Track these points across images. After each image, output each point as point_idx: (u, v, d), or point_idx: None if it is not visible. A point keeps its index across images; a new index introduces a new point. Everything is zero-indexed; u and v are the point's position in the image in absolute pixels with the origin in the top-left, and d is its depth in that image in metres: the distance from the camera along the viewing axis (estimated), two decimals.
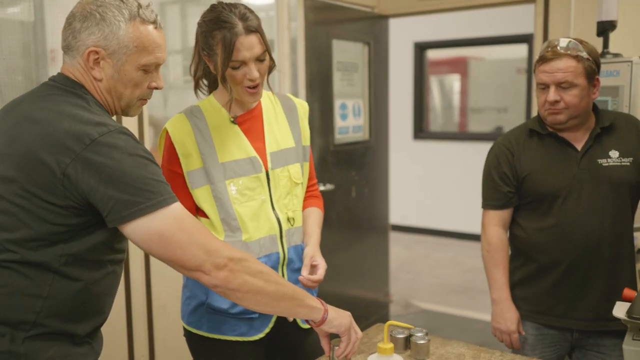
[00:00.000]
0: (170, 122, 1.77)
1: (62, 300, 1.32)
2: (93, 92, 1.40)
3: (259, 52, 1.67)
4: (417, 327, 1.79)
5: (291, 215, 1.83)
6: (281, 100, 1.90)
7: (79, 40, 1.36)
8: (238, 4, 1.71)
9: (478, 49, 7.08)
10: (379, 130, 4.25)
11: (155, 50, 1.39)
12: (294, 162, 1.85)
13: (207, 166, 1.73)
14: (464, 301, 5.04)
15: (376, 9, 4.10)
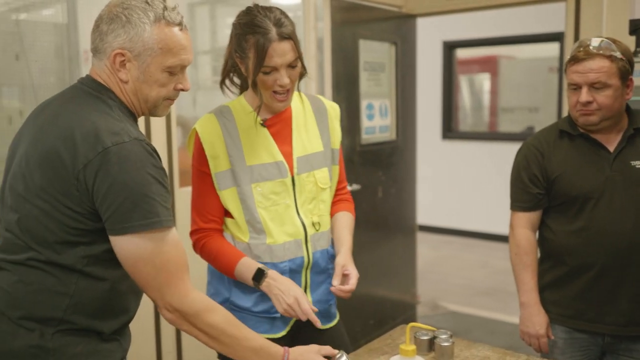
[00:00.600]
0: (199, 123, 1.77)
1: (87, 298, 1.34)
2: (119, 94, 1.41)
3: (291, 59, 1.67)
4: (441, 329, 1.78)
5: (316, 220, 1.82)
6: (311, 103, 1.89)
7: (105, 42, 1.37)
8: (274, 8, 1.69)
9: (509, 48, 6.99)
10: (406, 130, 4.23)
11: (180, 52, 1.39)
12: (321, 167, 1.83)
13: (234, 168, 1.74)
14: (493, 303, 4.99)
15: (404, 9, 4.08)
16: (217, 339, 1.41)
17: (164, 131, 2.72)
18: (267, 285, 1.68)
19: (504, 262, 6.09)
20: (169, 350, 2.82)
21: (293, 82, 1.72)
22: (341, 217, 1.92)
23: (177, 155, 2.78)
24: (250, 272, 1.70)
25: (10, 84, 2.50)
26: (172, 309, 1.36)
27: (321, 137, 1.86)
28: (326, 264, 1.86)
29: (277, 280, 1.68)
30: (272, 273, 1.70)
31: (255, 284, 1.69)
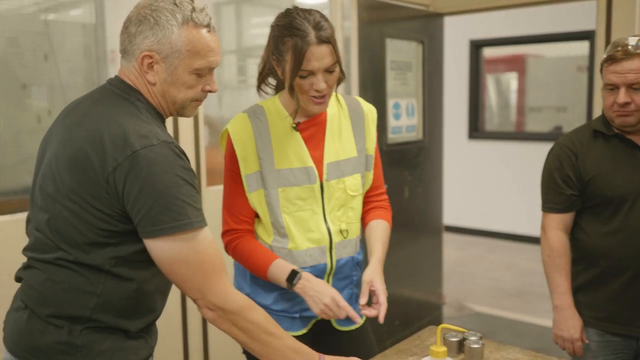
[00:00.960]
0: (232, 123, 1.76)
1: (114, 298, 1.35)
2: (147, 96, 1.41)
3: (329, 63, 1.63)
4: (470, 331, 1.76)
5: (344, 228, 1.79)
6: (349, 106, 1.84)
7: (134, 44, 1.37)
8: (313, 10, 1.66)
9: (536, 47, 6.91)
10: (432, 130, 4.20)
11: (207, 54, 1.39)
12: (353, 173, 1.80)
13: (262, 171, 1.72)
14: (520, 305, 4.93)
15: (431, 7, 4.05)
16: (258, 338, 1.40)
17: (191, 130, 2.73)
18: (302, 287, 1.66)
19: (530, 263, 6.02)
20: (196, 349, 2.83)
21: (330, 87, 1.68)
22: (375, 226, 1.86)
23: (204, 155, 2.80)
24: (284, 273, 1.67)
25: (39, 83, 2.53)
26: (213, 307, 1.36)
27: (356, 143, 1.81)
28: (350, 270, 1.84)
29: (312, 282, 1.66)
30: (306, 275, 1.67)
31: (288, 285, 1.67)
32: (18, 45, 2.41)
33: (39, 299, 1.36)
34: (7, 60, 2.36)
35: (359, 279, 1.85)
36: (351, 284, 1.85)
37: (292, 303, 1.80)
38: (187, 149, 2.71)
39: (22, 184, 2.45)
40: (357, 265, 1.86)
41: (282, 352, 1.42)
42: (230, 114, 3.23)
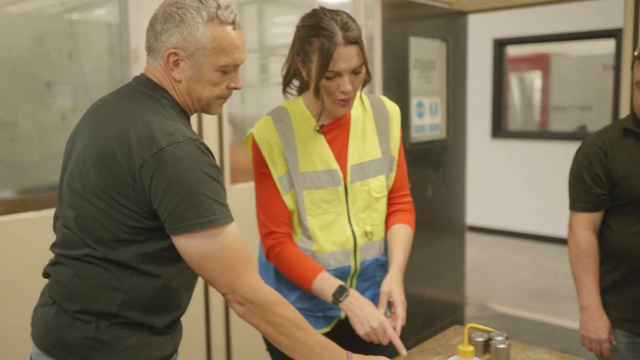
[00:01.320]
0: (257, 127, 1.74)
1: (141, 294, 1.36)
2: (173, 94, 1.41)
3: (355, 65, 1.60)
4: (496, 331, 1.74)
5: (369, 230, 1.77)
6: (373, 106, 1.81)
7: (160, 42, 1.37)
8: (340, 11, 1.64)
9: (561, 45, 6.83)
10: (456, 129, 4.17)
11: (232, 51, 1.38)
12: (377, 175, 1.78)
13: (290, 172, 1.71)
14: (544, 306, 4.88)
15: (455, 5, 4.02)
16: (288, 332, 1.40)
17: (215, 129, 2.74)
18: (348, 304, 1.63)
19: (554, 263, 5.96)
20: (218, 346, 2.84)
21: (356, 88, 1.65)
22: (397, 231, 1.81)
23: (228, 153, 2.80)
24: (330, 287, 1.65)
25: (64, 82, 2.55)
26: (244, 301, 1.36)
27: (380, 144, 1.79)
28: (374, 272, 1.83)
29: (360, 301, 1.63)
30: (353, 292, 1.65)
31: (334, 300, 1.64)
32: (43, 45, 2.44)
33: (66, 295, 1.37)
34: (32, 60, 2.39)
35: (381, 280, 1.84)
36: (374, 284, 1.84)
37: (315, 302, 1.80)
38: (212, 147, 2.72)
39: (48, 181, 2.48)
40: (380, 267, 1.85)
41: (311, 347, 1.42)
42: (253, 113, 3.24)
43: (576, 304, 2.13)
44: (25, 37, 2.35)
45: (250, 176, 2.98)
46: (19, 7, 2.44)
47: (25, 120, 2.43)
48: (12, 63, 2.32)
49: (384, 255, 1.86)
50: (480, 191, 6.81)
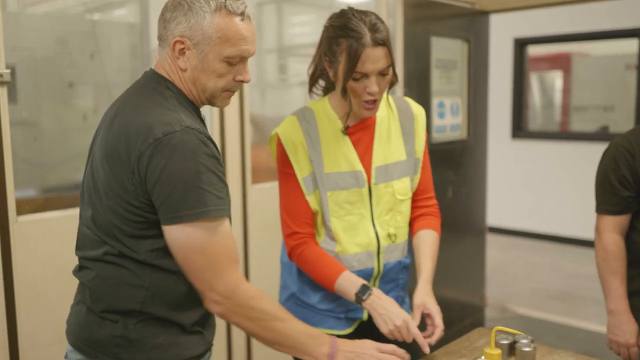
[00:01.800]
0: (282, 127, 1.74)
1: (162, 290, 1.36)
2: (179, 84, 1.40)
3: (383, 66, 1.59)
4: (522, 334, 1.72)
5: (393, 232, 1.76)
6: (398, 108, 1.80)
7: (168, 30, 1.37)
8: (369, 12, 1.63)
9: (582, 44, 6.76)
10: (477, 129, 4.14)
11: (239, 42, 1.36)
12: (402, 177, 1.76)
13: (315, 172, 1.71)
14: (565, 308, 4.83)
15: (477, 5, 3.99)
16: (269, 326, 1.37)
17: (237, 129, 2.74)
18: (372, 302, 1.62)
19: (574, 265, 5.90)
20: (240, 345, 2.85)
21: (382, 90, 1.64)
22: (424, 239, 1.80)
23: (249, 153, 2.81)
24: (354, 287, 1.64)
25: (85, 82, 2.57)
26: (222, 298, 1.33)
27: (405, 146, 1.78)
28: (397, 274, 1.81)
29: (383, 300, 1.63)
30: (376, 291, 1.64)
31: (357, 299, 1.64)
32: (66, 45, 2.46)
33: (91, 296, 1.38)
34: (55, 60, 2.41)
35: (405, 282, 1.84)
36: (397, 287, 1.83)
37: (338, 303, 1.79)
38: (233, 147, 2.73)
39: (70, 180, 2.50)
40: (404, 269, 1.83)
41: (296, 338, 1.39)
42: (273, 113, 3.24)
43: (598, 306, 2.11)
44: (49, 37, 2.37)
45: (271, 176, 2.99)
46: (42, 7, 2.46)
47: (47, 120, 2.45)
48: (35, 63, 2.34)
49: (407, 257, 1.85)
50: (499, 192, 6.76)
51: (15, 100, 2.26)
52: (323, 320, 1.80)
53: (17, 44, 2.19)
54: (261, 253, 2.86)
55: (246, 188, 2.80)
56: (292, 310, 1.82)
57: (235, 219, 2.76)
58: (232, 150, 2.73)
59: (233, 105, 2.72)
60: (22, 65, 2.25)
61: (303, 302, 1.82)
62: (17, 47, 2.18)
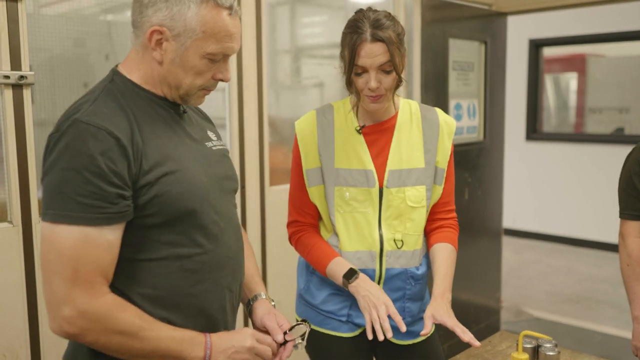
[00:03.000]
0: (300, 119, 1.79)
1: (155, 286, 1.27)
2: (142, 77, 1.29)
3: (381, 62, 1.59)
4: (547, 337, 1.71)
5: (399, 238, 1.74)
6: (423, 115, 1.79)
7: (144, 16, 1.24)
8: (382, 11, 1.65)
9: (597, 46, 6.72)
10: (493, 131, 4.13)
11: (224, 39, 1.25)
12: (417, 184, 1.74)
13: (323, 167, 1.73)
14: (580, 311, 4.80)
15: (494, 7, 3.98)
16: (137, 335, 1.19)
17: (255, 131, 2.75)
18: (356, 285, 1.64)
19: (590, 267, 5.86)
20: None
21: (387, 89, 1.64)
22: (441, 251, 1.75)
23: (268, 155, 2.81)
24: (342, 270, 1.68)
25: None
26: (76, 314, 1.14)
27: (425, 154, 1.76)
28: (404, 283, 1.77)
29: (367, 283, 1.65)
30: (363, 276, 1.67)
31: (344, 281, 1.66)
32: (82, 46, 2.47)
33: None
34: (71, 61, 2.42)
35: (416, 293, 1.80)
36: (403, 297, 1.79)
37: (341, 306, 1.80)
38: (251, 149, 2.73)
39: None
40: (411, 279, 1.78)
41: (166, 346, 1.22)
42: (288, 114, 3.24)
43: (614, 310, 2.09)
44: (65, 38, 2.38)
45: (287, 178, 2.99)
46: (57, 8, 2.48)
47: None
48: (51, 64, 2.35)
49: (417, 268, 1.79)
50: (513, 194, 6.73)
51: (33, 101, 2.28)
52: (326, 321, 1.81)
53: (33, 44, 2.20)
54: (279, 254, 2.86)
55: (264, 190, 2.80)
56: (299, 309, 1.88)
57: (253, 221, 2.76)
58: (251, 153, 2.74)
59: (251, 107, 2.73)
60: (38, 66, 2.26)
61: (306, 302, 1.85)
62: (33, 47, 2.19)
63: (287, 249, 2.84)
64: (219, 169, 1.39)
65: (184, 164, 1.27)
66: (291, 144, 3.15)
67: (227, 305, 1.39)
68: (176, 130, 1.32)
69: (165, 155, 1.25)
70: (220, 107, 2.73)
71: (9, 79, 1.99)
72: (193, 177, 1.28)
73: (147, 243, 1.24)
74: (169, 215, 1.24)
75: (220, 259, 1.33)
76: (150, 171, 1.21)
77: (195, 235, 1.28)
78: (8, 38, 1.99)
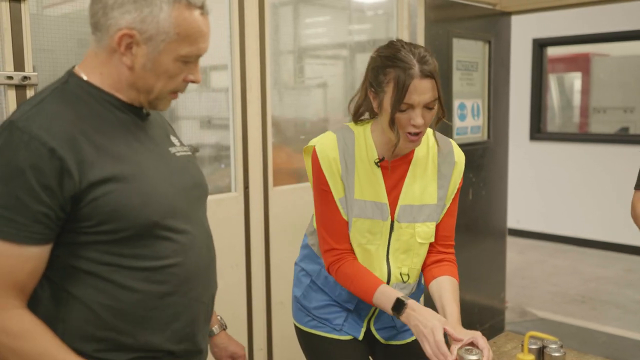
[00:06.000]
0: (320, 142, 1.71)
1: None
2: (104, 81, 1.22)
3: (429, 99, 1.55)
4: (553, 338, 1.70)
5: (405, 272, 1.74)
6: (440, 151, 1.74)
7: (110, 18, 1.16)
8: (418, 45, 1.61)
9: (602, 45, 6.70)
10: (497, 131, 4.12)
11: (198, 39, 1.20)
12: (427, 221, 1.72)
13: (347, 197, 1.69)
14: (585, 312, 4.78)
15: (498, 6, 3.97)
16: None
17: (259, 131, 2.74)
18: (407, 315, 1.59)
19: (594, 268, 5.84)
20: (260, 347, 2.85)
21: (427, 124, 1.59)
22: (447, 283, 1.72)
23: (271, 156, 2.80)
24: (389, 301, 1.62)
25: None
26: None
27: (438, 190, 1.73)
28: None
29: (417, 311, 1.59)
30: (411, 303, 1.60)
31: (394, 314, 1.62)
32: (85, 46, 2.46)
33: None
34: (74, 61, 2.41)
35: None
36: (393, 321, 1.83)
37: (336, 316, 1.82)
38: (255, 150, 2.72)
39: None
40: None
41: None
42: (292, 114, 3.23)
43: (618, 310, 2.08)
44: (68, 39, 2.38)
45: (291, 178, 2.98)
46: (60, 9, 2.47)
47: None
48: (54, 64, 2.35)
49: (413, 294, 1.81)
50: (517, 194, 6.71)
51: None
52: (320, 324, 1.83)
53: (37, 45, 2.20)
54: (283, 256, 2.85)
55: (268, 191, 2.80)
56: (295, 313, 1.90)
57: (256, 222, 2.76)
58: (254, 153, 2.73)
59: (254, 107, 2.73)
60: (42, 66, 2.26)
61: (303, 306, 1.87)
62: (37, 48, 2.19)
63: (290, 250, 2.84)
64: (184, 176, 1.32)
65: (144, 172, 1.21)
66: (294, 144, 3.15)
67: (199, 317, 1.33)
68: (138, 136, 1.25)
69: (121, 164, 1.18)
70: (224, 107, 2.72)
71: (12, 79, 1.99)
72: (154, 186, 1.21)
73: (109, 257, 1.18)
74: (129, 229, 1.16)
75: (189, 271, 1.27)
76: (101, 182, 1.14)
77: (161, 248, 1.21)
78: (11, 39, 1.99)
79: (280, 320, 2.88)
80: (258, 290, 2.79)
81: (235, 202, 2.67)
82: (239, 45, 2.62)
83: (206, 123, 2.74)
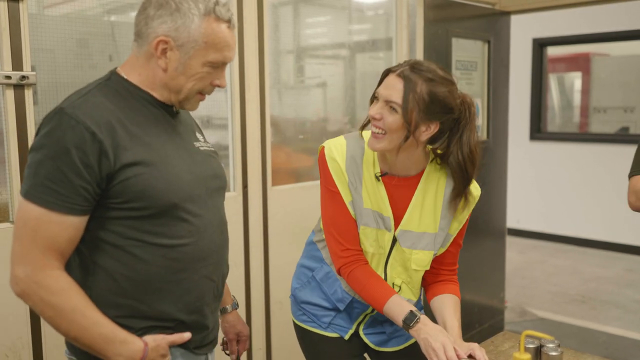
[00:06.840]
0: (331, 147, 1.70)
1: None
2: (142, 79, 1.39)
3: (391, 97, 1.54)
4: (550, 337, 1.70)
5: (398, 283, 1.75)
6: (448, 182, 1.70)
7: (150, 27, 1.35)
8: (434, 62, 1.61)
9: (602, 45, 6.70)
10: (497, 131, 4.11)
11: (224, 49, 1.38)
12: (425, 249, 1.71)
13: (354, 202, 1.69)
14: (585, 311, 4.78)
15: (497, 6, 3.97)
16: (66, 316, 1.28)
17: (258, 130, 2.74)
18: (417, 330, 1.58)
19: (594, 268, 5.84)
20: (260, 347, 2.85)
21: (390, 130, 1.56)
22: (449, 300, 1.75)
23: (270, 155, 2.80)
24: (402, 312, 1.61)
25: None
26: (24, 276, 1.27)
27: (440, 220, 1.70)
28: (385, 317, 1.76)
29: (427, 326, 1.59)
30: (424, 318, 1.60)
31: (405, 326, 1.61)
32: (86, 47, 2.47)
33: None
34: (74, 61, 2.42)
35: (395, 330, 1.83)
36: (387, 321, 1.83)
37: (324, 314, 1.84)
38: (253, 149, 2.73)
39: None
40: None
41: (90, 337, 1.30)
42: (291, 114, 3.23)
43: (618, 310, 2.08)
44: (68, 39, 2.38)
45: (290, 178, 2.98)
46: (61, 9, 2.47)
47: None
48: (54, 64, 2.35)
49: None
50: (517, 194, 6.71)
51: (36, 102, 2.28)
52: (308, 320, 1.87)
53: (36, 45, 2.20)
54: (282, 255, 2.86)
55: (267, 190, 2.80)
56: (291, 306, 1.93)
57: (255, 221, 2.76)
58: (253, 153, 2.73)
59: (253, 107, 2.73)
60: (41, 66, 2.26)
61: (297, 299, 1.90)
62: (36, 48, 2.19)
63: (289, 249, 2.84)
64: (204, 167, 1.47)
65: (169, 161, 1.37)
66: (293, 143, 3.16)
67: (207, 293, 1.47)
68: (166, 129, 1.42)
69: (150, 151, 1.34)
70: (223, 107, 2.73)
71: (11, 79, 2.00)
72: (176, 173, 1.37)
73: (133, 232, 1.33)
74: (152, 208, 1.33)
75: (202, 250, 1.42)
76: (132, 165, 1.30)
77: (178, 228, 1.37)
78: (9, 38, 2.00)
79: (279, 320, 2.88)
80: (257, 290, 2.79)
81: (234, 202, 2.67)
82: (237, 45, 2.63)
83: (205, 123, 2.75)
